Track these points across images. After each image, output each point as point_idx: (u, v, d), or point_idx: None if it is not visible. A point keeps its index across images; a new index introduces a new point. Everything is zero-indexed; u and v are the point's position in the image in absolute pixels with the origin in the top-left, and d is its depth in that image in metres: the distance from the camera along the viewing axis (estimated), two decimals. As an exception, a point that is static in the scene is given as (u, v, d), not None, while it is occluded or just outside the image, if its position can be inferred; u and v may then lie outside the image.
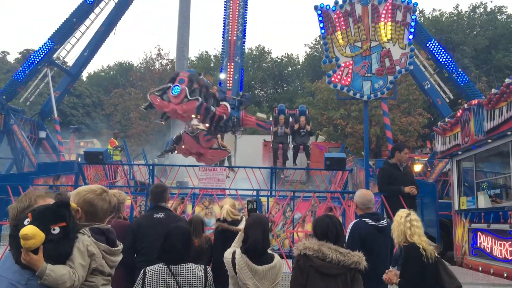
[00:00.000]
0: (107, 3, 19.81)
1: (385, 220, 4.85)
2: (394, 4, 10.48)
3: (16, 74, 18.93)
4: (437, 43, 17.45)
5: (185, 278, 3.54)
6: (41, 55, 18.82)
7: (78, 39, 20.00)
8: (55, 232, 2.58)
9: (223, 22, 16.10)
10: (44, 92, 25.80)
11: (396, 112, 27.08)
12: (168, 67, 41.45)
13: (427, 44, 17.27)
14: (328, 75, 10.63)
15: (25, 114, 20.53)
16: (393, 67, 10.28)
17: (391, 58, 10.32)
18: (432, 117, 27.77)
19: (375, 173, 12.77)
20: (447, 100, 17.61)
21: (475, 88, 17.27)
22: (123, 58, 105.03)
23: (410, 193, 7.66)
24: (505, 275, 7.29)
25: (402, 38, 10.41)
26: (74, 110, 43.14)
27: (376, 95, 10.40)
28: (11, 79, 19.41)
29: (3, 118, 17.81)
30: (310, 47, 49.23)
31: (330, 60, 10.61)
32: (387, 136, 17.45)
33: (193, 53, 62.70)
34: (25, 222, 2.53)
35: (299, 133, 14.99)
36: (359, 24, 10.53)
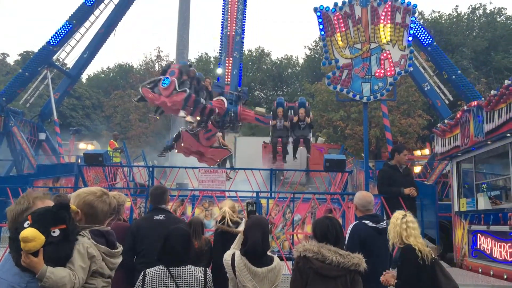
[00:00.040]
0: (106, 5, 19.85)
1: (385, 221, 4.85)
2: (394, 6, 10.50)
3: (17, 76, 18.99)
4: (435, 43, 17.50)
5: (185, 280, 3.53)
6: (41, 57, 18.86)
7: (77, 41, 20.03)
8: (55, 234, 2.58)
9: (221, 17, 15.88)
10: (44, 94, 25.78)
11: (395, 113, 27.11)
12: (168, 69, 41.42)
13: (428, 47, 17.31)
14: (328, 77, 10.65)
15: (25, 116, 20.55)
16: (392, 68, 10.29)
17: (390, 60, 10.33)
18: (431, 119, 27.81)
19: (375, 174, 12.78)
20: (447, 102, 17.63)
21: (474, 89, 17.29)
22: (123, 60, 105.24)
23: (410, 194, 7.67)
24: (505, 276, 7.29)
25: (402, 40, 10.42)
26: (73, 112, 43.15)
27: (375, 96, 10.41)
28: (11, 81, 19.42)
29: (3, 120, 17.78)
30: (309, 49, 49.42)
31: (329, 62, 10.62)
32: (386, 137, 17.44)
33: (192, 55, 62.72)
34: (25, 224, 2.53)
35: (299, 126, 14.38)
36: (359, 26, 10.54)
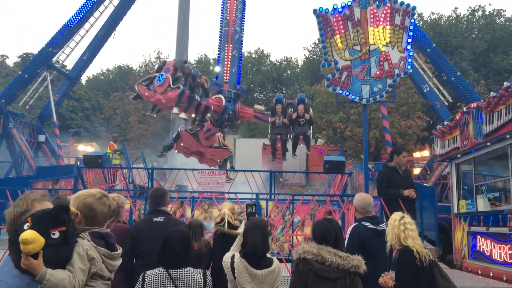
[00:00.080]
0: (106, 7, 19.86)
1: (384, 223, 4.85)
2: (393, 7, 10.50)
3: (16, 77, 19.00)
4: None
5: (184, 283, 3.53)
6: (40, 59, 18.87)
7: (77, 43, 20.03)
8: (54, 236, 2.58)
9: (220, 16, 15.76)
10: (43, 96, 25.79)
11: (395, 115, 27.13)
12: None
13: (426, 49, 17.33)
14: (327, 79, 10.64)
15: (24, 118, 20.53)
16: (392, 70, 10.29)
17: (389, 62, 10.33)
18: (431, 120, 27.83)
19: (374, 176, 12.77)
20: (446, 103, 17.63)
21: (473, 91, 17.30)
22: (123, 61, 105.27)
23: (409, 196, 7.68)
24: (505, 278, 7.29)
25: (401, 42, 10.43)
26: (73, 113, 43.16)
27: (375, 98, 10.41)
28: (10, 82, 19.43)
29: (2, 121, 17.77)
30: (309, 51, 49.51)
31: (329, 64, 10.62)
32: (386, 139, 17.43)
33: (192, 56, 62.84)
34: (25, 226, 2.53)
35: (298, 123, 13.98)
36: (358, 28, 10.54)
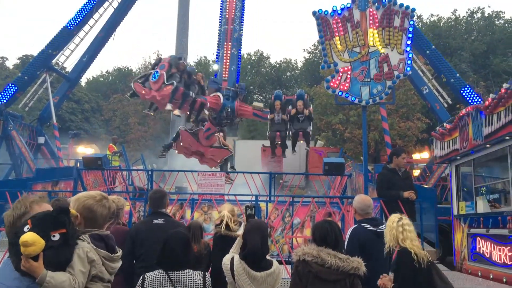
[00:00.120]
0: (106, 9, 19.90)
1: (384, 225, 4.85)
2: (392, 9, 10.52)
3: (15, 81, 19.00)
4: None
5: (184, 285, 3.53)
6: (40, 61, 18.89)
7: (77, 45, 20.07)
8: (55, 238, 2.58)
9: (219, 14, 15.68)
10: (43, 98, 25.80)
11: (394, 117, 27.14)
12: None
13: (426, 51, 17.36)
14: (327, 80, 10.64)
15: (24, 120, 20.51)
16: (391, 72, 10.30)
17: (389, 64, 10.33)
18: (430, 122, 27.82)
19: (374, 178, 12.77)
20: (445, 105, 17.66)
21: (473, 92, 17.30)
22: (122, 63, 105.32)
23: (409, 198, 7.69)
24: (505, 280, 7.28)
25: (400, 44, 10.44)
26: (73, 115, 43.12)
27: (374, 100, 10.42)
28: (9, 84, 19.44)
29: (2, 123, 17.78)
30: (308, 52, 49.52)
31: (328, 66, 10.62)
32: (385, 141, 17.43)
33: (192, 58, 62.82)
34: (25, 229, 2.53)
35: (298, 119, 13.76)
36: (357, 30, 10.55)
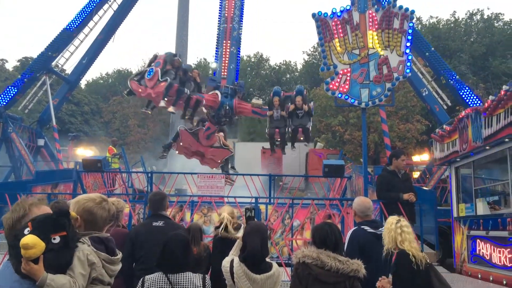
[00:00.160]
0: (105, 11, 19.92)
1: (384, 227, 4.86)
2: (392, 11, 10.53)
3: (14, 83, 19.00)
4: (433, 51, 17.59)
5: (183, 287, 3.52)
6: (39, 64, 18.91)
7: (76, 47, 20.10)
8: (55, 241, 2.58)
9: (218, 13, 15.62)
10: (43, 100, 25.79)
11: (394, 119, 27.16)
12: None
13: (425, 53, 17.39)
14: (326, 82, 10.65)
15: (24, 122, 20.55)
16: (390, 74, 10.31)
17: (388, 66, 10.34)
18: (430, 124, 27.84)
19: (374, 180, 12.77)
20: (445, 107, 17.68)
21: (473, 94, 17.32)
22: (122, 65, 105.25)
23: (409, 200, 7.69)
24: (505, 282, 7.27)
25: (400, 46, 10.45)
26: (72, 117, 43.11)
27: (374, 102, 10.42)
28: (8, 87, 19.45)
29: (1, 126, 17.78)
30: (308, 54, 49.58)
31: (328, 68, 10.63)
32: (385, 143, 17.44)
33: (192, 60, 62.74)
34: (25, 231, 2.52)
35: (297, 115, 13.38)
36: (357, 32, 10.57)
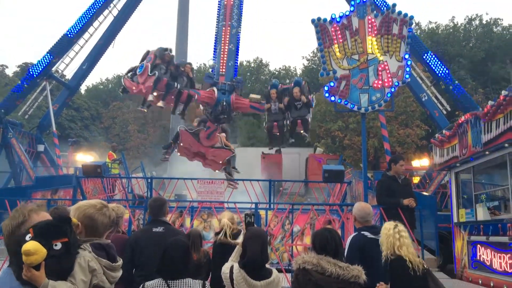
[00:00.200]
0: (105, 17, 19.97)
1: (384, 233, 4.85)
2: (391, 17, 10.57)
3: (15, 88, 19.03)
4: (433, 55, 17.62)
5: (184, 294, 3.51)
6: (40, 69, 18.92)
7: (76, 53, 20.09)
8: (57, 247, 2.57)
9: (217, 12, 15.55)
10: (43, 105, 25.80)
11: (393, 124, 27.19)
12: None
13: (424, 57, 17.42)
14: (326, 88, 10.68)
15: (24, 128, 20.51)
16: (390, 79, 10.34)
17: (388, 71, 10.38)
18: (429, 129, 27.86)
19: (374, 185, 12.77)
20: (444, 112, 17.69)
21: (472, 100, 17.38)
22: (122, 71, 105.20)
23: (409, 205, 7.69)
24: None
25: (399, 51, 10.49)
26: (72, 123, 43.10)
27: (373, 107, 10.44)
28: (9, 93, 19.48)
29: (1, 131, 17.77)
30: (307, 60, 49.72)
31: (327, 73, 10.65)
32: (385, 148, 17.42)
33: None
34: (27, 237, 2.52)
35: (295, 107, 12.80)
36: (356, 37, 10.60)
